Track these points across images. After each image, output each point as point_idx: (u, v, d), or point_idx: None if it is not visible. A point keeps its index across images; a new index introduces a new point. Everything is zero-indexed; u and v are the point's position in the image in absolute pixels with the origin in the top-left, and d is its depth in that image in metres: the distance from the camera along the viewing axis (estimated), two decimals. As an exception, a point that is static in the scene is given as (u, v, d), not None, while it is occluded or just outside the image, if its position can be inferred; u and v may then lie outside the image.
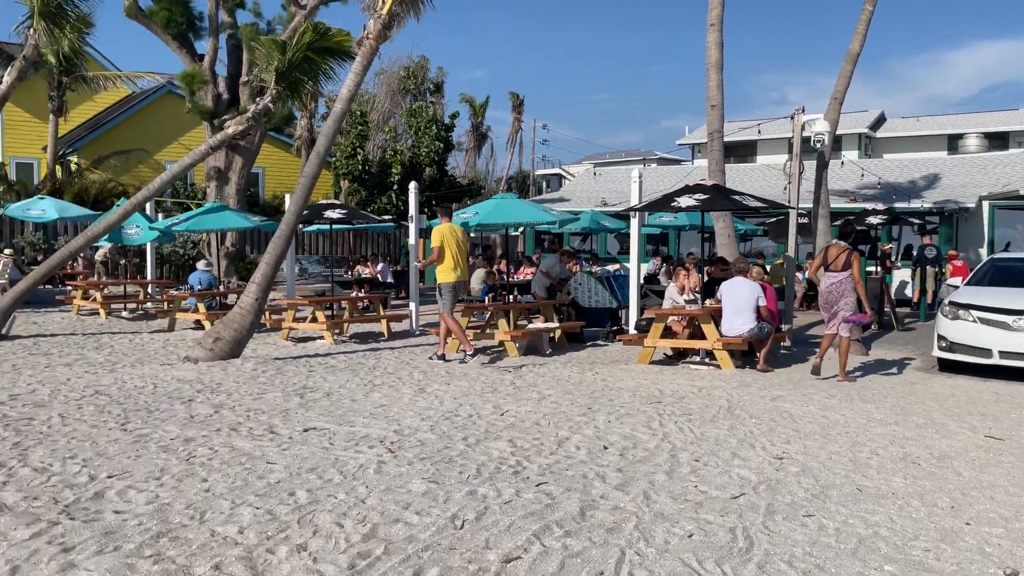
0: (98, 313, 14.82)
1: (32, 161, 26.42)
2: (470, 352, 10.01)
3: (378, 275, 18.98)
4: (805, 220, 14.11)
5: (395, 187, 26.39)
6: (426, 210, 24.75)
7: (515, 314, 11.68)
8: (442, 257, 9.96)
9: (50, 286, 17.07)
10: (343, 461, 5.29)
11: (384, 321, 12.93)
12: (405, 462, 5.29)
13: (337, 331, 12.52)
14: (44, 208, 17.41)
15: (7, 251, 16.91)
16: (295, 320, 12.42)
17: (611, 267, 17.51)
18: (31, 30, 13.73)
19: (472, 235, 25.50)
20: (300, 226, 14.66)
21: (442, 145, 28.71)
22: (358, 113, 26.96)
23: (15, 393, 7.57)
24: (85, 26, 15.72)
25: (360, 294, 14.01)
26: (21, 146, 26.35)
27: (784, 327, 11.62)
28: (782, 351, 11.31)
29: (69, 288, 16.79)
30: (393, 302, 17.75)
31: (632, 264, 12.28)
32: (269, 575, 3.51)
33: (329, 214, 13.07)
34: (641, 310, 11.97)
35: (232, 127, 12.62)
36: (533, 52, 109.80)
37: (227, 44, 21.07)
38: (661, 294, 12.67)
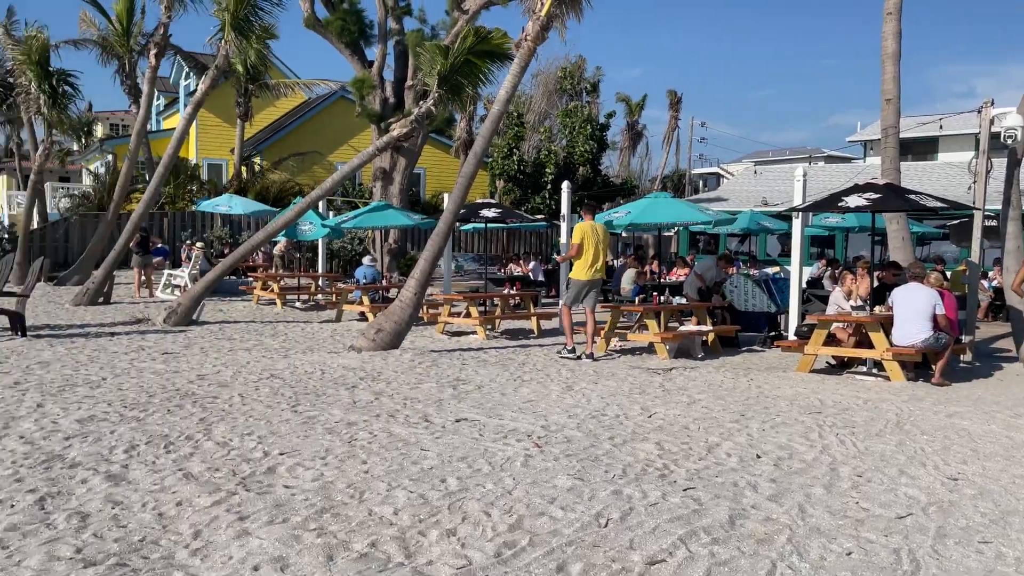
0: (275, 303, 16.04)
1: (221, 162, 28.93)
2: (569, 347, 10.19)
3: (530, 273, 19.25)
4: (993, 223, 12.91)
5: (548, 186, 26.66)
6: (578, 209, 24.86)
7: (666, 315, 11.48)
8: (580, 254, 10.09)
9: (234, 277, 18.65)
10: (492, 452, 5.43)
11: (534, 318, 13.11)
12: (551, 457, 5.35)
13: (489, 327, 12.84)
14: (231, 205, 19.05)
15: (199, 244, 18.64)
16: (450, 315, 12.86)
17: (770, 270, 16.82)
18: (223, 42, 15.03)
19: (624, 235, 25.33)
20: (457, 224, 15.16)
21: (596, 145, 28.69)
22: (515, 114, 27.46)
23: (203, 373, 8.34)
24: (269, 36, 17.00)
25: (512, 291, 14.28)
26: (212, 148, 28.94)
27: (965, 339, 10.69)
28: (961, 365, 10.42)
29: (250, 279, 18.26)
30: (544, 300, 17.96)
31: (793, 267, 11.74)
32: (420, 556, 3.67)
33: (485, 213, 13.42)
34: (802, 315, 11.42)
35: (396, 129, 13.24)
36: (693, 49, 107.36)
37: (394, 50, 22.11)
38: (825, 299, 12.03)
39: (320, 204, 16.15)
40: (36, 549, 3.68)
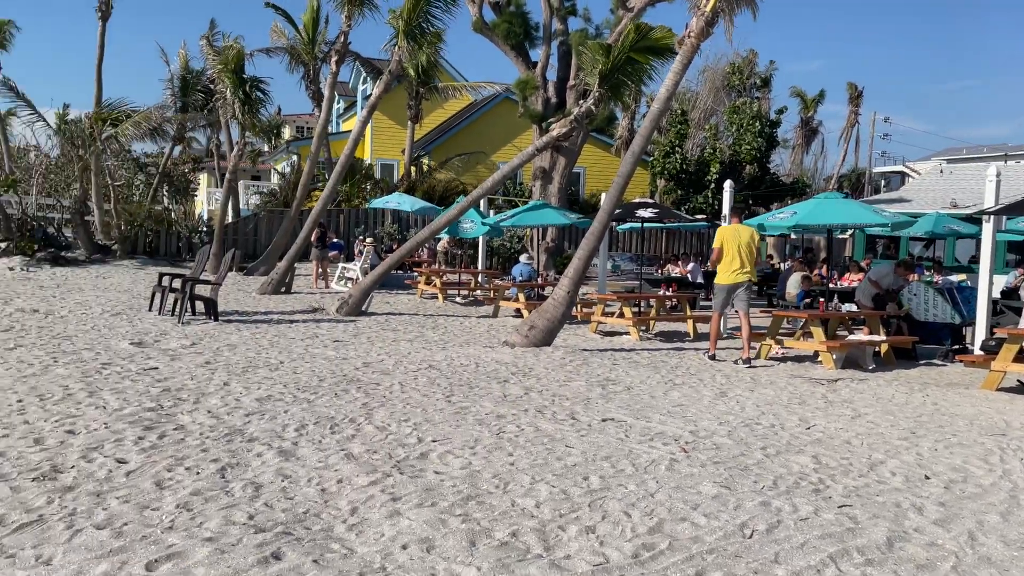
0: (437, 297, 16.71)
1: (393, 162, 30.46)
2: (711, 353, 10.09)
3: (688, 275, 18.83)
4: None
5: (712, 186, 25.94)
6: (744, 210, 24.00)
7: (833, 323, 10.88)
8: (720, 257, 9.87)
9: (401, 271, 19.60)
10: (636, 454, 5.40)
11: (690, 321, 12.83)
12: (698, 463, 5.25)
13: (643, 328, 12.71)
14: (399, 203, 20.02)
15: (369, 239, 19.75)
16: (603, 314, 12.85)
17: (956, 277, 15.47)
18: (396, 47, 15.83)
19: (793, 236, 24.14)
20: (613, 224, 15.10)
21: (765, 142, 27.56)
22: (678, 111, 26.94)
23: (368, 361, 8.87)
24: (438, 41, 17.70)
25: (668, 293, 14.04)
26: (385, 149, 30.54)
27: None
28: None
29: (415, 274, 19.12)
30: (702, 303, 17.51)
31: (982, 275, 10.75)
32: (558, 550, 3.73)
33: (641, 213, 13.29)
34: (991, 328, 10.44)
35: (556, 129, 13.38)
36: (878, 38, 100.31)
37: (558, 50, 22.35)
38: (1020, 311, 10.93)
39: (481, 203, 16.62)
40: (215, 513, 4.09)
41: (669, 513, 4.26)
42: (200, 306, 11.96)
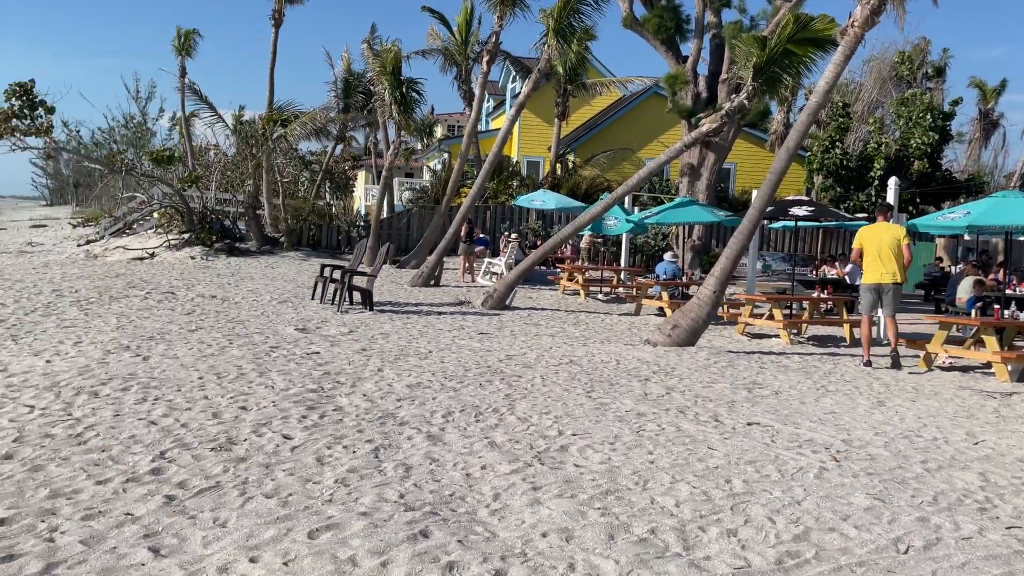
0: (579, 293, 16.79)
1: (539, 159, 30.80)
2: (866, 359, 9.58)
3: (845, 276, 17.85)
4: None
5: (875, 183, 24.40)
6: (910, 208, 22.43)
7: (1010, 332, 10.00)
8: (861, 258, 9.60)
9: (544, 267, 19.83)
10: (783, 460, 5.24)
11: (847, 326, 12.19)
12: (850, 473, 5.03)
13: (794, 331, 12.21)
14: (544, 199, 20.25)
15: (514, 235, 20.12)
16: (751, 316, 12.45)
17: None
18: (546, 46, 16.02)
19: (967, 238, 22.31)
20: (765, 222, 14.58)
21: (937, 136, 25.59)
22: (839, 104, 25.55)
23: (511, 354, 9.08)
24: (588, 39, 17.74)
25: (823, 295, 13.40)
26: (531, 146, 30.94)
27: None
28: None
29: (558, 270, 19.29)
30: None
31: None
32: (698, 550, 3.71)
33: (795, 211, 12.75)
34: None
35: (707, 124, 13.09)
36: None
37: (710, 44, 21.79)
38: None
39: (625, 199, 16.53)
40: (369, 490, 4.37)
41: (816, 522, 4.12)
42: (357, 296, 12.65)
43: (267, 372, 7.26)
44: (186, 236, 20.80)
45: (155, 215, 23.78)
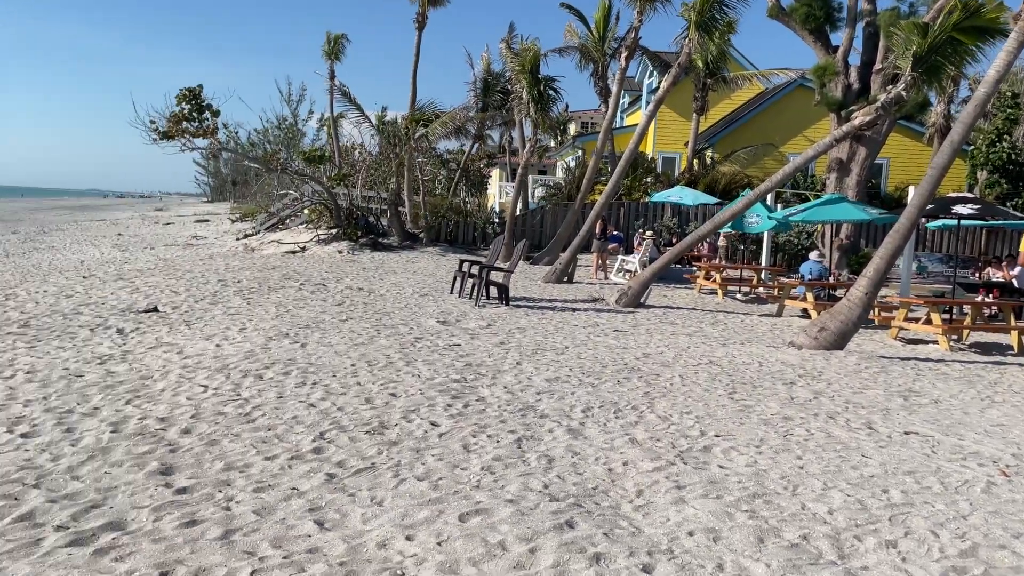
0: (716, 293, 16.39)
1: (675, 155, 30.25)
2: None
3: (1013, 280, 16.47)
4: None
5: (1049, 179, 22.34)
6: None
7: None
8: None
9: (679, 265, 19.47)
10: (945, 472, 4.94)
11: (1015, 332, 11.26)
12: (1022, 489, 4.67)
13: (954, 337, 11.41)
14: (681, 196, 19.88)
15: (648, 233, 19.87)
16: (906, 320, 11.74)
17: None
18: (686, 40, 15.72)
19: None
20: (922, 221, 13.70)
21: None
22: (1007, 94, 23.56)
23: (648, 352, 9.01)
24: (731, 32, 17.25)
25: (987, 299, 12.44)
26: (667, 142, 30.42)
27: None
28: None
29: (694, 268, 18.90)
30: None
31: None
32: (854, 559, 3.58)
33: (958, 209, 11.90)
34: None
35: (859, 117, 12.45)
36: None
37: (863, 32, 20.63)
38: None
39: (768, 196, 15.97)
40: (514, 479, 4.48)
41: (985, 538, 3.86)
42: (493, 291, 12.92)
43: (413, 362, 7.57)
44: (334, 231, 21.89)
45: (305, 211, 25.20)
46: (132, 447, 4.78)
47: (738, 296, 16.68)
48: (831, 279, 15.12)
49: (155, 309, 9.96)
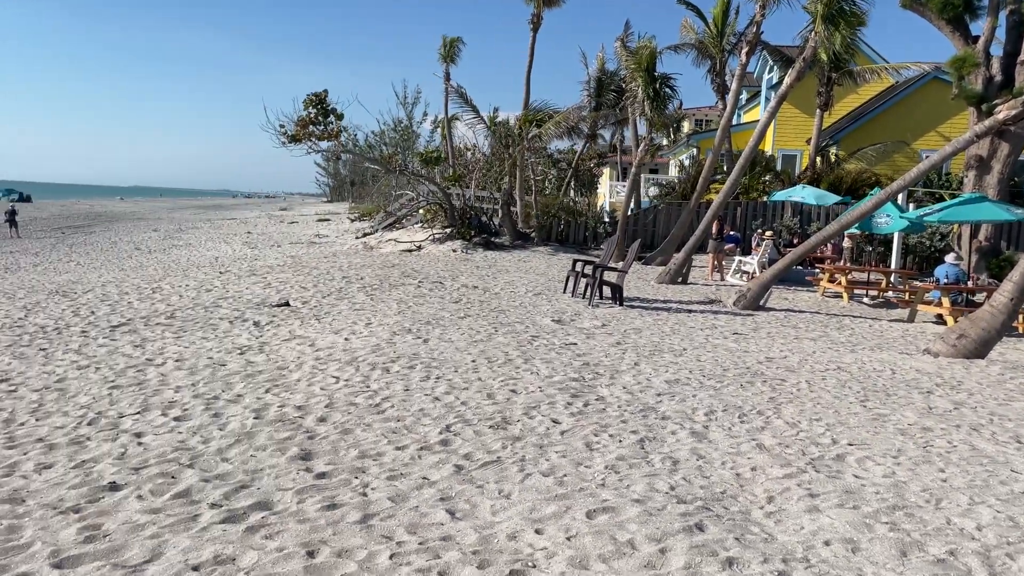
0: (841, 296, 15.70)
1: (795, 153, 29.19)
2: None
3: None
4: None
5: None
6: None
7: None
8: None
9: (800, 267, 18.77)
10: (1110, 494, 4.56)
11: None
12: None
13: (1113, 348, 10.49)
14: (803, 195, 19.15)
15: (768, 233, 19.26)
16: (1056, 328, 10.89)
17: None
18: (812, 33, 15.14)
19: None
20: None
21: None
22: None
23: (770, 356, 8.75)
24: (859, 24, 16.50)
25: None
26: (788, 139, 29.38)
27: None
28: None
29: (817, 270, 18.17)
30: None
31: None
32: (1008, 581, 3.37)
33: (1120, 208, 10.92)
34: None
35: (1004, 111, 11.65)
36: None
37: (1007, 21, 19.24)
38: None
39: (900, 196, 15.16)
40: (639, 479, 4.47)
41: None
42: (607, 291, 12.86)
43: (531, 359, 7.65)
44: (448, 231, 22.38)
45: (421, 211, 25.86)
46: (274, 433, 5.06)
47: (865, 300, 15.93)
48: (969, 283, 14.21)
49: (287, 304, 10.49)
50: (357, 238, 25.30)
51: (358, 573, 3.29)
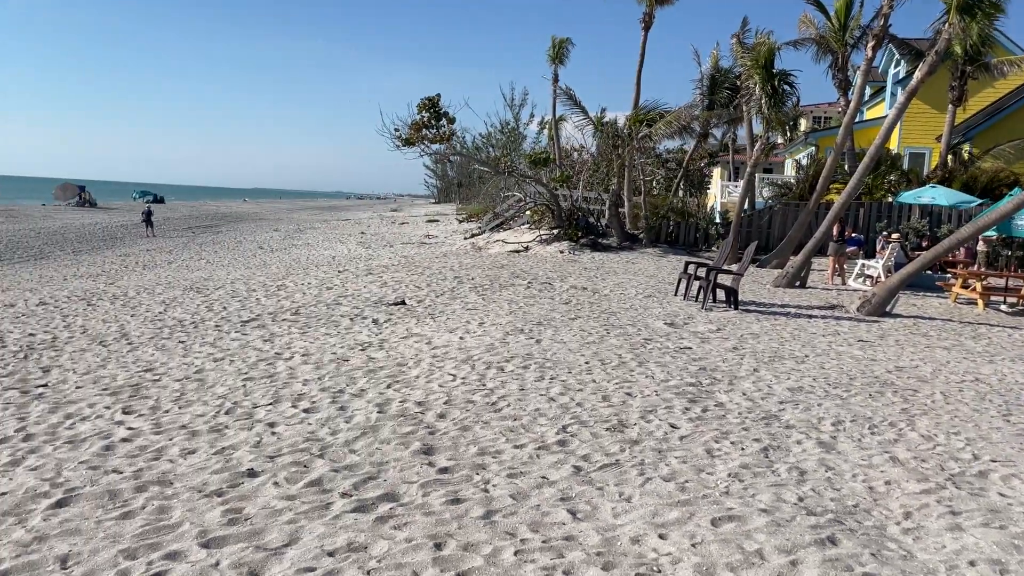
0: (975, 303, 14.73)
1: (924, 151, 27.61)
2: None
3: None
4: None
5: None
6: None
7: None
8: None
9: (930, 272, 17.74)
10: None
11: None
12: None
13: None
14: (933, 196, 18.10)
15: (895, 235, 18.29)
16: None
17: None
18: (946, 24, 14.29)
19: None
20: None
21: None
22: None
23: (900, 365, 8.31)
24: (998, 12, 15.46)
25: None
26: (915, 136, 27.82)
27: None
28: None
29: (948, 275, 17.12)
30: None
31: None
32: None
33: None
34: None
35: None
36: None
37: None
38: None
39: (1045, 196, 14.06)
40: (765, 488, 4.33)
41: None
42: (720, 294, 12.55)
43: (645, 363, 7.56)
44: (555, 232, 22.42)
45: (528, 212, 26.02)
46: (397, 427, 5.21)
47: (1003, 308, 14.87)
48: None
49: (403, 303, 10.79)
50: (466, 239, 25.72)
51: (484, 568, 3.34)
